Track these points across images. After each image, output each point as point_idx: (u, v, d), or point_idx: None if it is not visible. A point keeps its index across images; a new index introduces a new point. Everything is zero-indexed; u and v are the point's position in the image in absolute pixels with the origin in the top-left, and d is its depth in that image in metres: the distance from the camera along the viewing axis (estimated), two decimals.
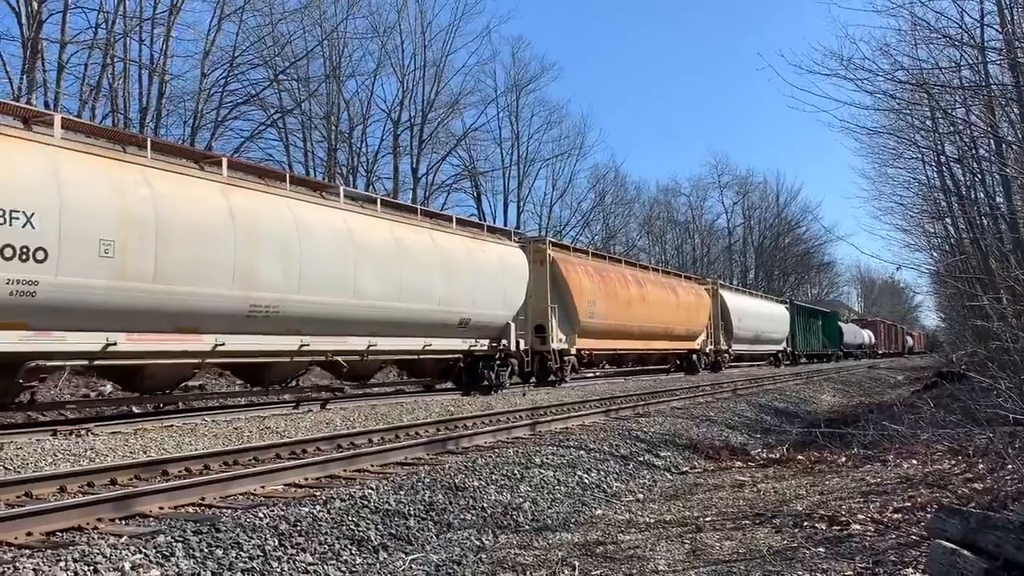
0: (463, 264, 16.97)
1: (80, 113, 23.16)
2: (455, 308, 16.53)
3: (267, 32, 30.24)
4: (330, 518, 5.88)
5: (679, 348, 29.80)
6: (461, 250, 17.17)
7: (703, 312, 31.28)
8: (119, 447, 9.12)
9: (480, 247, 18.01)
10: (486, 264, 17.84)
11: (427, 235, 16.35)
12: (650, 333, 26.25)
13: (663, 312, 27.09)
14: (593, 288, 22.44)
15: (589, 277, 22.54)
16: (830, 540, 5.87)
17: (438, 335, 16.37)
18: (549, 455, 9.20)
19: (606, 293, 23.19)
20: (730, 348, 34.69)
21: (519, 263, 19.31)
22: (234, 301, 11.77)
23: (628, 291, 24.84)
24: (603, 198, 54.80)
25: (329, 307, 13.40)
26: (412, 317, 15.37)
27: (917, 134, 16.74)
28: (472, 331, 17.23)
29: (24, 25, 22.17)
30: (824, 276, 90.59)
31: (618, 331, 23.91)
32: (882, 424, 11.42)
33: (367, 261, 14.22)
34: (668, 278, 30.24)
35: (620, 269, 26.06)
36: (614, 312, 23.48)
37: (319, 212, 13.72)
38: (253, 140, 31.71)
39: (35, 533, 5.14)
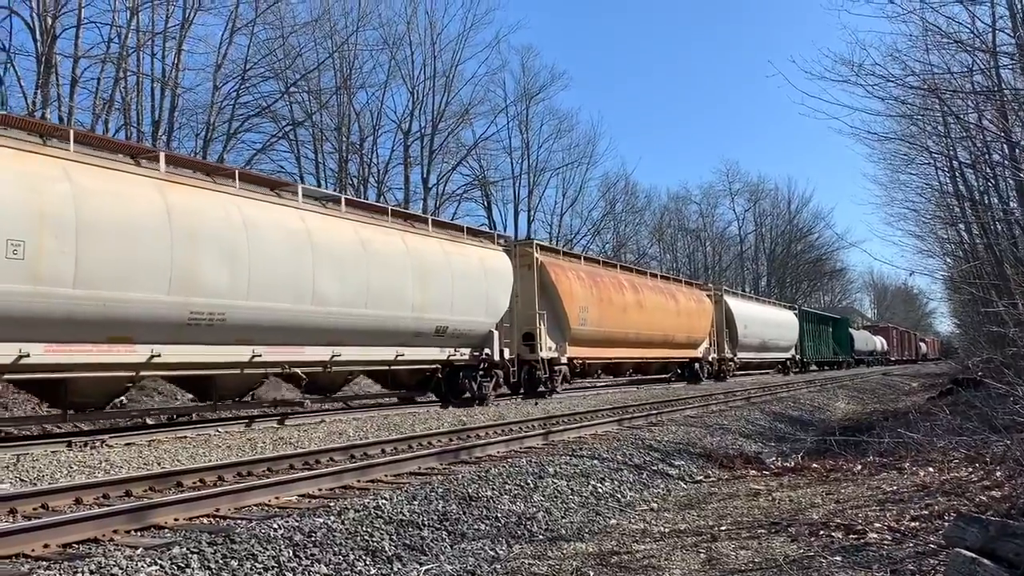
0: (439, 268, 16.06)
1: (94, 127, 23.37)
2: (430, 315, 15.70)
3: (278, 45, 30.49)
4: (344, 529, 5.88)
5: (680, 356, 28.91)
6: (437, 253, 16.23)
7: (705, 319, 30.36)
8: (133, 459, 9.16)
9: (459, 250, 17.06)
10: (466, 268, 16.89)
11: (398, 237, 15.36)
12: (648, 341, 25.41)
13: (662, 319, 26.23)
14: (585, 294, 21.64)
15: (581, 282, 21.73)
16: (847, 549, 5.82)
17: (412, 344, 15.46)
18: (562, 465, 9.18)
19: (599, 299, 22.33)
20: (735, 356, 33.76)
21: (502, 267, 18.37)
22: (172, 307, 10.83)
23: (623, 297, 23.99)
24: (613, 206, 54.86)
25: (284, 314, 12.45)
26: (381, 325, 14.45)
27: (929, 140, 16.69)
28: (451, 339, 16.43)
29: (38, 40, 22.41)
30: (836, 283, 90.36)
31: (613, 339, 23.10)
32: (898, 432, 11.34)
33: (328, 264, 13.23)
34: (667, 283, 29.27)
35: (615, 274, 25.15)
36: (608, 319, 22.67)
37: (272, 212, 12.71)
38: (265, 152, 31.95)
39: (52, 545, 5.16)
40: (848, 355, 56.76)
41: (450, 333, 16.27)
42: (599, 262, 25.87)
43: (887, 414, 20.21)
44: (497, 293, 17.80)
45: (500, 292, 17.92)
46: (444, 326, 16.03)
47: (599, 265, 25.16)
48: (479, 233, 19.44)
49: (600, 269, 24.46)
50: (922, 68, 11.79)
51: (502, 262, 18.49)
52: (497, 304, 17.78)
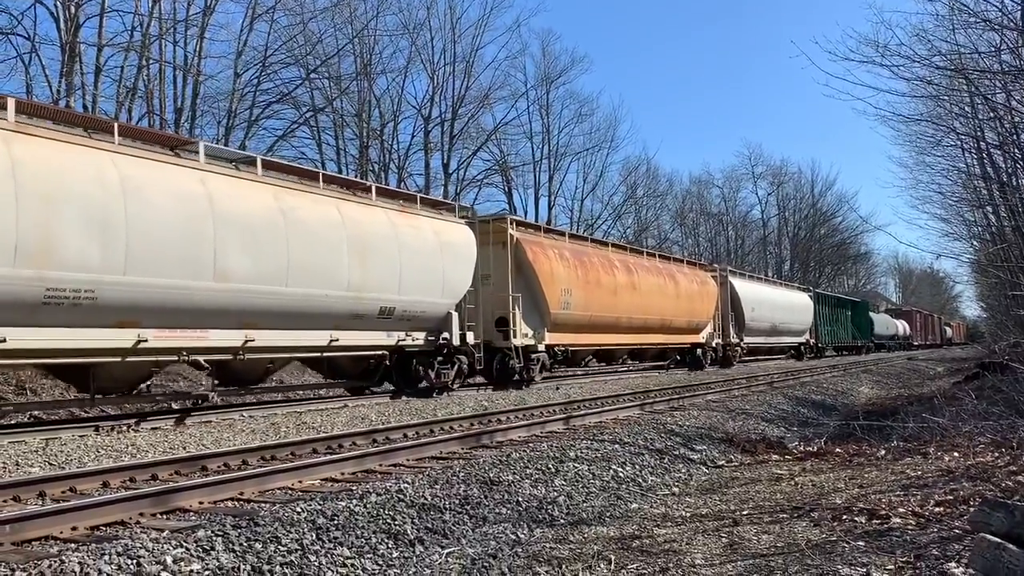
0: (384, 242, 14.19)
1: (117, 115, 23.54)
2: (372, 294, 13.81)
3: (298, 31, 30.42)
4: (366, 512, 5.92)
5: (680, 342, 27.10)
6: (381, 224, 14.33)
7: (708, 302, 28.33)
8: (159, 443, 9.28)
9: (409, 222, 15.17)
10: (417, 242, 15.03)
11: (332, 206, 13.45)
12: (643, 326, 23.69)
13: (659, 302, 24.39)
14: (568, 275, 19.86)
15: (564, 262, 19.91)
16: (870, 534, 5.78)
17: (350, 327, 13.65)
18: (583, 449, 9.19)
19: (585, 281, 20.51)
20: (741, 341, 31.86)
21: (463, 242, 16.48)
22: (20, 284, 9.04)
23: (614, 278, 22.07)
24: (635, 191, 54.44)
25: (178, 293, 10.64)
26: (308, 305, 12.62)
27: (956, 121, 16.45)
28: (400, 322, 14.69)
29: (62, 29, 22.55)
30: (861, 267, 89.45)
31: (601, 324, 21.47)
32: (922, 416, 11.26)
33: (236, 235, 11.40)
34: (666, 263, 27.27)
35: (606, 253, 23.07)
36: (596, 302, 20.89)
37: (162, 172, 10.76)
38: (286, 139, 32.00)
39: (80, 527, 5.24)
40: (868, 339, 55.08)
41: (398, 315, 14.51)
42: (587, 240, 24.03)
43: (912, 399, 20.05)
44: (456, 271, 15.97)
45: (460, 270, 16.11)
46: (390, 307, 14.24)
47: (587, 243, 23.30)
48: (437, 204, 17.66)
49: (588, 248, 22.58)
50: (949, 48, 11.63)
51: (463, 236, 16.60)
52: (456, 283, 16.01)
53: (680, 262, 29.17)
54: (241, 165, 12.60)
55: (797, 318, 38.77)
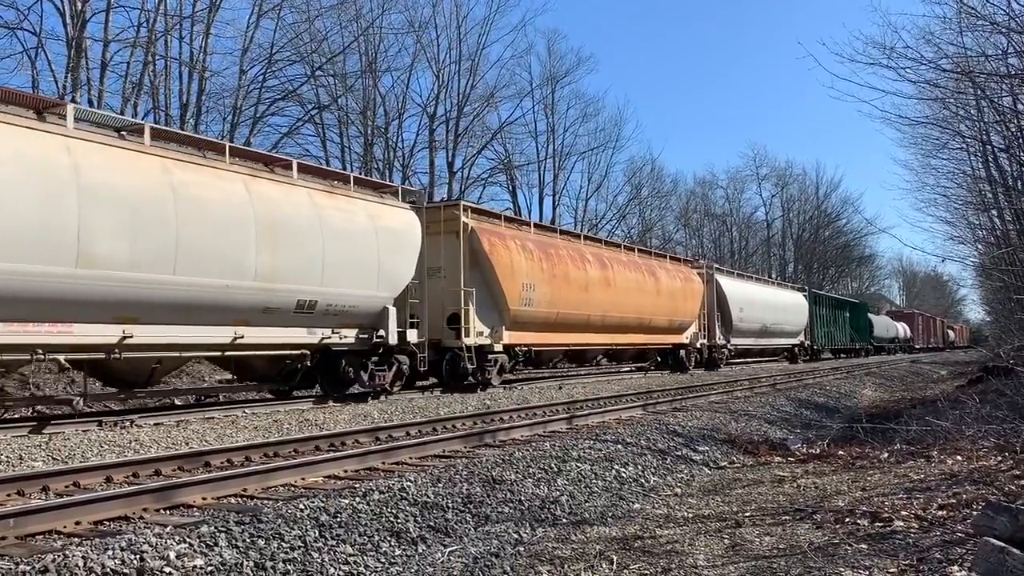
0: (303, 225, 12.61)
1: (123, 111, 23.59)
2: (287, 285, 12.22)
3: (304, 28, 30.46)
4: (369, 510, 5.93)
5: (661, 343, 25.49)
6: (301, 206, 12.70)
7: (693, 300, 26.79)
8: (162, 439, 9.30)
9: (337, 204, 13.49)
10: (348, 227, 13.40)
11: (239, 183, 11.79)
12: (618, 325, 22.14)
13: (637, 299, 22.81)
14: (532, 268, 18.25)
15: (526, 254, 18.31)
16: (873, 536, 5.78)
17: (259, 323, 12.02)
18: (586, 449, 9.19)
19: (551, 275, 18.91)
20: (728, 343, 30.45)
21: (406, 229, 14.80)
22: None
23: (585, 273, 20.49)
24: (639, 191, 54.41)
25: (29, 279, 9.11)
26: (202, 297, 11.02)
27: (962, 124, 16.43)
28: (324, 318, 13.07)
29: (69, 25, 22.61)
30: (865, 269, 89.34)
31: (570, 322, 19.91)
32: (925, 419, 11.25)
33: (108, 213, 9.86)
34: (646, 259, 25.54)
35: (577, 246, 21.52)
36: (564, 298, 19.35)
37: (14, 138, 9.18)
38: (291, 136, 32.04)
39: (83, 522, 5.26)
40: (867, 342, 53.89)
41: (322, 310, 12.92)
42: (556, 231, 22.22)
43: (915, 402, 20.04)
44: (396, 261, 14.33)
45: (400, 260, 14.48)
46: (310, 300, 12.64)
47: (555, 235, 21.57)
48: (377, 185, 15.81)
49: (557, 240, 20.97)
50: (955, 51, 11.61)
51: (405, 222, 14.91)
52: (395, 274, 14.36)
53: (662, 257, 27.52)
54: (126, 133, 10.96)
55: (790, 319, 37.31)
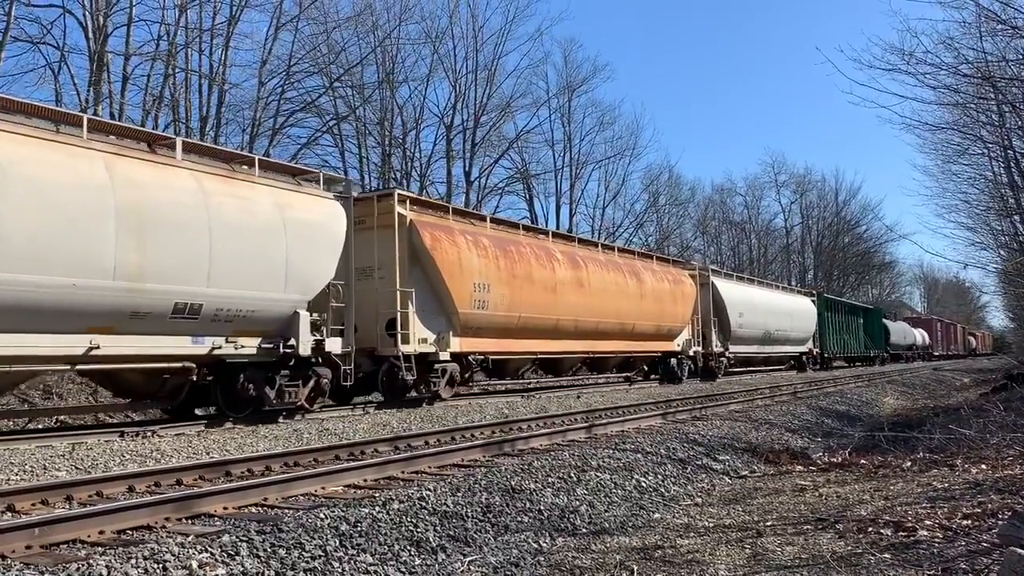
0: (186, 215, 10.70)
1: (144, 123, 23.86)
2: (161, 286, 10.35)
3: (322, 40, 30.70)
4: (389, 519, 5.94)
5: (648, 350, 23.66)
6: (184, 192, 10.78)
7: (684, 304, 24.94)
8: (183, 448, 9.36)
9: (237, 191, 11.60)
10: (245, 218, 11.52)
11: (97, 162, 9.99)
12: (597, 330, 20.33)
13: (617, 302, 21.05)
14: (486, 267, 16.49)
15: (480, 251, 16.49)
16: (896, 546, 5.72)
17: (125, 330, 10.21)
18: (605, 458, 9.17)
19: (511, 274, 17.14)
20: (727, 350, 28.60)
21: (324, 221, 12.89)
22: None
23: (553, 273, 18.68)
24: (657, 199, 54.25)
25: None
26: (38, 298, 9.21)
27: (983, 129, 16.32)
28: (215, 324, 11.20)
29: (91, 39, 22.92)
30: (885, 276, 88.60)
31: (536, 327, 18.07)
32: (949, 428, 11.13)
33: None
34: (629, 259, 23.74)
35: (544, 244, 19.60)
36: (527, 301, 17.57)
37: None
38: (309, 147, 32.27)
39: (107, 531, 5.30)
40: (882, 349, 51.80)
41: (209, 314, 11.05)
42: (518, 227, 20.05)
43: (938, 410, 19.82)
44: (310, 258, 12.45)
45: (316, 257, 12.62)
46: (193, 303, 10.76)
47: (518, 231, 19.49)
48: (291, 171, 13.67)
49: (520, 236, 18.99)
50: (976, 56, 11.53)
51: (325, 214, 13.00)
52: (309, 274, 12.47)
53: (648, 257, 25.65)
54: None
55: (797, 325, 35.38)
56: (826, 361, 40.27)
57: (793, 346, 35.68)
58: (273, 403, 12.20)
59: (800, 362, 37.27)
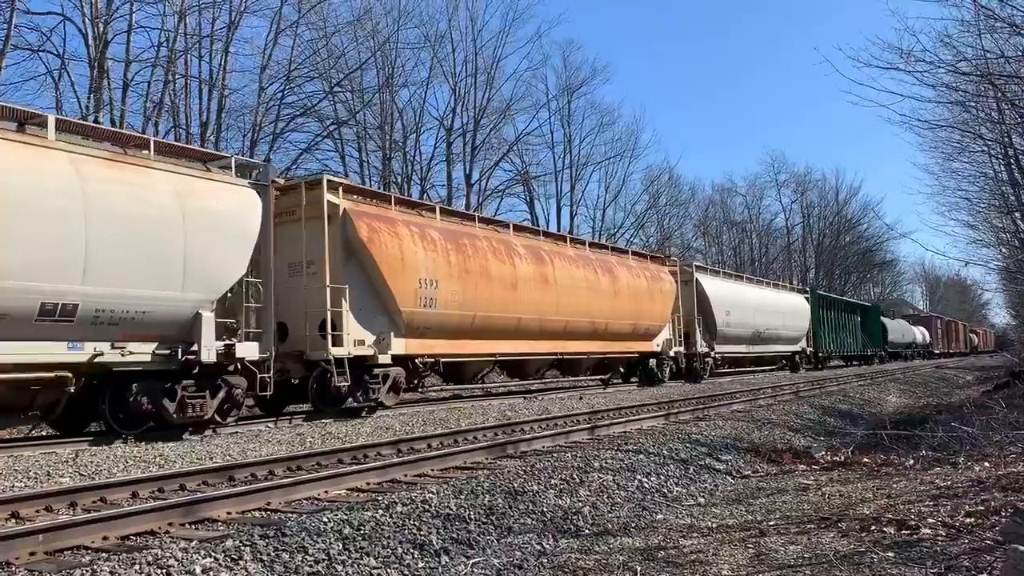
0: (57, 203, 9.47)
1: (144, 130, 23.90)
2: (23, 283, 9.12)
3: (322, 45, 30.74)
4: (392, 522, 5.95)
5: (623, 351, 22.20)
6: (53, 177, 9.55)
7: (663, 302, 23.53)
8: (187, 453, 9.37)
9: (123, 176, 10.32)
10: (134, 207, 10.27)
11: None
12: (563, 330, 19.05)
13: (587, 300, 19.76)
14: (434, 261, 15.20)
15: (426, 244, 15.18)
16: (899, 544, 5.73)
17: None
18: (608, 459, 9.17)
19: (464, 270, 15.89)
20: (713, 350, 27.16)
21: (235, 211, 11.60)
22: None
23: (513, 268, 17.42)
24: (657, 199, 54.22)
25: None
26: None
27: (983, 127, 16.31)
28: (96, 328, 9.91)
29: (91, 46, 22.99)
30: (887, 274, 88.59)
31: (493, 327, 16.78)
32: (951, 426, 11.13)
33: None
34: (601, 254, 22.40)
35: (504, 237, 18.22)
36: (481, 298, 16.28)
37: None
38: (310, 152, 32.30)
39: (111, 537, 5.32)
40: (880, 348, 50.55)
41: (88, 317, 9.73)
42: (474, 219, 18.36)
43: (940, 408, 19.82)
44: (215, 251, 11.13)
45: (223, 250, 11.27)
46: (66, 304, 9.49)
47: (474, 224, 17.92)
48: (195, 155, 12.16)
49: (476, 229, 17.50)
50: (974, 53, 11.54)
51: (234, 202, 11.72)
52: (214, 270, 11.19)
53: (623, 252, 24.22)
54: None
55: (789, 323, 34.08)
56: (821, 360, 39.30)
57: (785, 345, 34.46)
58: (174, 417, 10.82)
59: (793, 362, 36.21)
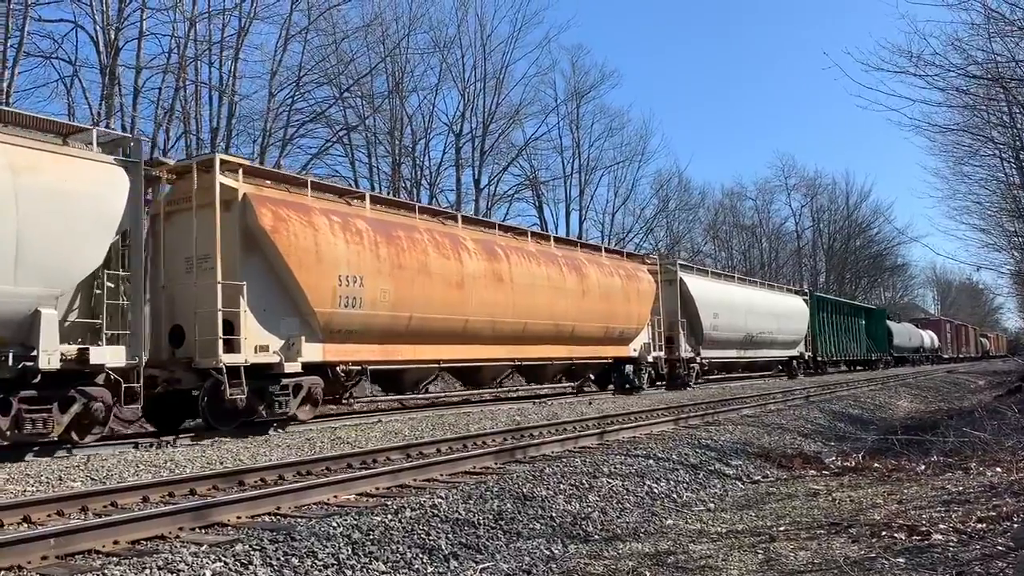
0: None
1: (155, 136, 24.08)
2: None
3: (331, 51, 30.84)
4: (401, 527, 5.96)
5: (595, 356, 20.47)
6: None
7: (641, 303, 21.83)
8: (197, 458, 9.40)
9: None
10: None
11: None
12: (522, 334, 17.38)
13: (551, 300, 18.09)
14: (358, 255, 13.33)
15: (349, 236, 13.29)
16: (910, 550, 5.70)
17: None
18: (617, 464, 9.16)
19: (396, 265, 14.01)
20: (699, 355, 25.56)
21: (95, 191, 10.15)
22: None
23: (460, 265, 15.63)
24: (667, 204, 54.19)
25: None
26: None
27: (994, 130, 16.25)
28: None
29: (102, 53, 23.14)
30: (898, 279, 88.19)
31: (434, 330, 14.99)
32: (963, 431, 11.06)
33: None
34: (568, 250, 20.47)
35: (449, 230, 16.37)
36: (419, 297, 14.46)
37: None
38: (320, 157, 32.43)
39: (121, 541, 5.34)
40: (886, 352, 48.93)
41: None
42: (413, 209, 16.21)
43: (951, 413, 19.69)
44: (59, 237, 9.64)
45: (70, 237, 9.78)
46: None
47: (412, 214, 15.85)
48: (39, 124, 10.43)
49: (414, 220, 15.59)
50: (985, 57, 11.50)
51: (92, 181, 10.22)
52: (57, 259, 9.67)
53: (595, 249, 22.36)
54: None
55: (785, 326, 32.29)
56: (820, 365, 37.62)
57: (781, 349, 32.76)
58: (6, 435, 9.24)
59: (790, 367, 34.56)
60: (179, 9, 25.02)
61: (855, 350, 43.87)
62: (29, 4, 21.61)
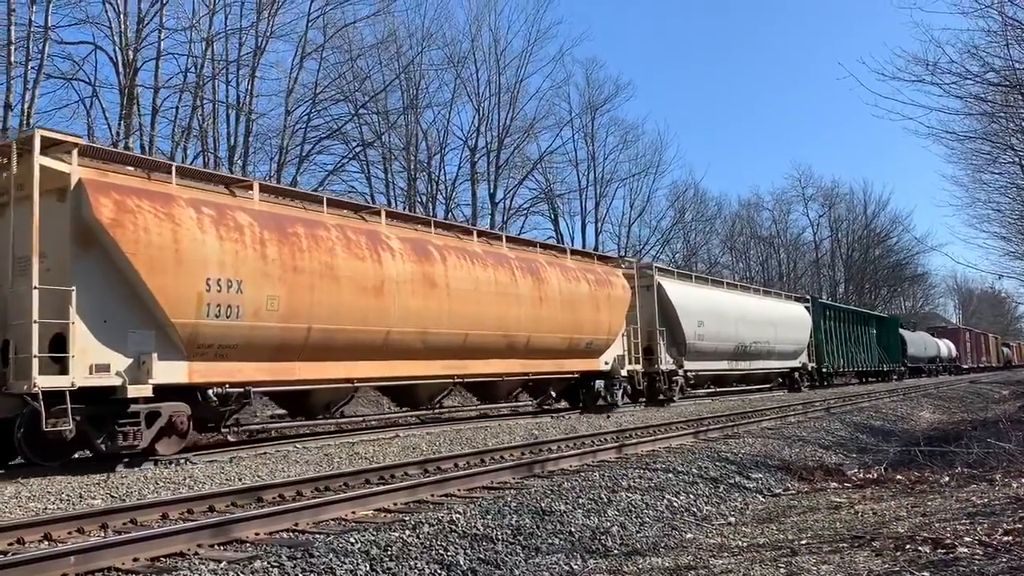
0: None
1: (173, 155, 24.29)
2: None
3: (347, 68, 31.11)
4: (419, 543, 5.94)
5: (558, 371, 18.18)
6: None
7: (613, 311, 19.55)
8: (215, 475, 9.43)
9: None
10: None
11: None
12: (463, 347, 15.13)
13: (500, 308, 15.86)
14: (237, 255, 11.13)
15: (228, 232, 11.09)
16: (935, 564, 5.61)
17: None
18: (636, 478, 9.10)
19: (289, 268, 11.78)
20: (681, 368, 23.15)
21: None
22: None
23: (380, 267, 13.37)
24: (683, 215, 54.12)
25: None
26: None
27: (1013, 138, 16.12)
28: None
29: (121, 73, 23.46)
30: (918, 288, 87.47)
31: (347, 343, 12.81)
32: (987, 441, 10.93)
33: None
34: (524, 251, 18.05)
35: (368, 227, 13.91)
36: (324, 305, 12.27)
37: None
38: (336, 173, 32.62)
39: (141, 559, 5.35)
40: (899, 363, 46.62)
41: None
42: (321, 201, 13.59)
43: (975, 423, 19.46)
44: None
45: None
46: None
47: (320, 208, 13.35)
48: None
49: (321, 215, 13.14)
50: (1002, 64, 11.44)
51: None
52: None
53: (559, 251, 19.99)
54: None
55: (784, 336, 29.82)
56: (824, 377, 35.01)
57: (780, 361, 30.18)
58: None
59: (791, 380, 31.96)
60: (196, 29, 25.37)
61: (865, 360, 41.63)
62: (50, 27, 21.98)
